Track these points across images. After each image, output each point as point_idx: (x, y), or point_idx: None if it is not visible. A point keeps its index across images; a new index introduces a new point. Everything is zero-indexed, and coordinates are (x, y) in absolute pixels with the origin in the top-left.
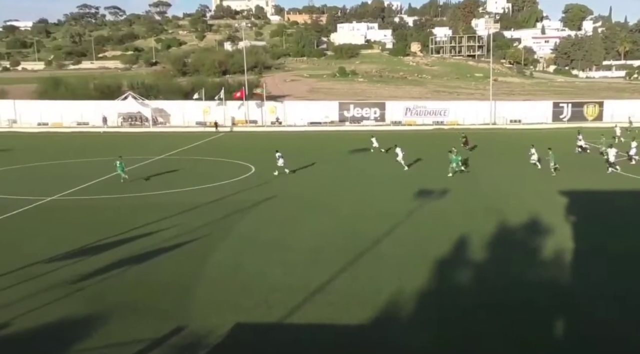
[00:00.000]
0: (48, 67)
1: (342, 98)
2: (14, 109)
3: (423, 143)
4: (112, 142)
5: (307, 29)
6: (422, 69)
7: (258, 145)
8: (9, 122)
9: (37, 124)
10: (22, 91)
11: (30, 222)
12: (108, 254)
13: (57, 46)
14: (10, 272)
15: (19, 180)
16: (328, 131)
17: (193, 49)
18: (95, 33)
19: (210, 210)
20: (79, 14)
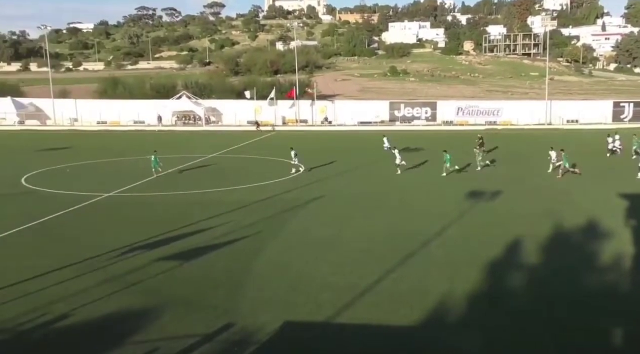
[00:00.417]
0: (107, 68)
1: (393, 97)
2: (76, 108)
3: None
4: (166, 140)
5: (358, 29)
6: (474, 68)
7: (308, 144)
8: (70, 121)
9: (96, 123)
10: (83, 90)
11: (89, 218)
12: (162, 249)
13: (116, 47)
14: (70, 265)
15: (78, 177)
16: (378, 130)
17: (245, 48)
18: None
19: (261, 208)
20: (137, 16)
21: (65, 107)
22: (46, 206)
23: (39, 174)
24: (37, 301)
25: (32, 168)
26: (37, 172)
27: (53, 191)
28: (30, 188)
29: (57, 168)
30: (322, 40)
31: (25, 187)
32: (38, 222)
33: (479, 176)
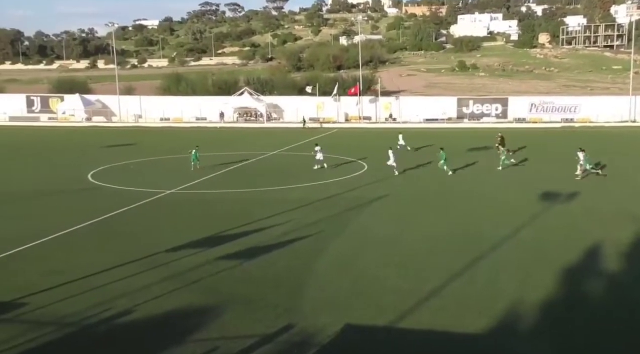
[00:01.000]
0: (171, 64)
1: (461, 93)
2: (140, 104)
3: (549, 142)
4: (228, 137)
5: (425, 21)
6: (550, 62)
7: (371, 142)
8: (135, 118)
9: (159, 119)
10: (147, 87)
11: (151, 214)
12: (223, 247)
13: (180, 43)
14: (133, 261)
15: (142, 173)
16: (445, 128)
17: (308, 43)
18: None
19: (323, 207)
20: (200, 12)
21: (130, 103)
22: (111, 202)
23: (104, 170)
24: (102, 295)
25: (98, 164)
26: (103, 169)
27: (117, 187)
28: (96, 184)
29: (121, 164)
30: (387, 34)
31: (91, 183)
32: (103, 218)
33: (552, 176)
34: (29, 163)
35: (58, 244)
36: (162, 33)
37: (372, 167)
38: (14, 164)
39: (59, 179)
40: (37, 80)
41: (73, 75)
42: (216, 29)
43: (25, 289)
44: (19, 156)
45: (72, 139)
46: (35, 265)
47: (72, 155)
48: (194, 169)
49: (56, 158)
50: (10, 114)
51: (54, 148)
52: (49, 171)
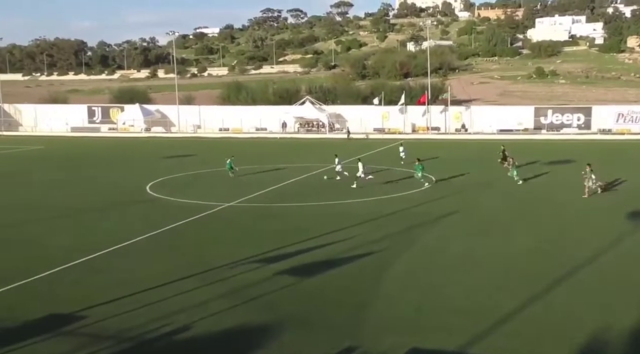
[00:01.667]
0: (231, 73)
1: (539, 102)
2: (199, 114)
3: (637, 156)
4: (288, 148)
5: (499, 26)
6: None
7: (440, 154)
8: (194, 128)
9: (218, 130)
10: (206, 96)
11: (210, 228)
12: (283, 263)
13: (241, 51)
14: (191, 275)
15: (201, 185)
16: (521, 139)
17: (373, 50)
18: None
19: (389, 222)
20: (262, 18)
21: (189, 113)
22: (169, 214)
23: (162, 181)
24: (160, 310)
25: (157, 176)
26: (161, 180)
27: (176, 200)
28: (154, 196)
29: (180, 176)
30: (458, 40)
31: (149, 195)
32: (161, 231)
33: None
34: (88, 174)
35: (117, 257)
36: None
37: (441, 181)
38: (74, 175)
39: (117, 191)
40: (99, 90)
41: (133, 85)
42: (278, 36)
43: (85, 301)
44: (79, 167)
45: (131, 150)
46: (95, 278)
47: (131, 166)
48: (233, 174)
49: (115, 169)
50: (72, 125)
51: (113, 159)
52: (108, 182)
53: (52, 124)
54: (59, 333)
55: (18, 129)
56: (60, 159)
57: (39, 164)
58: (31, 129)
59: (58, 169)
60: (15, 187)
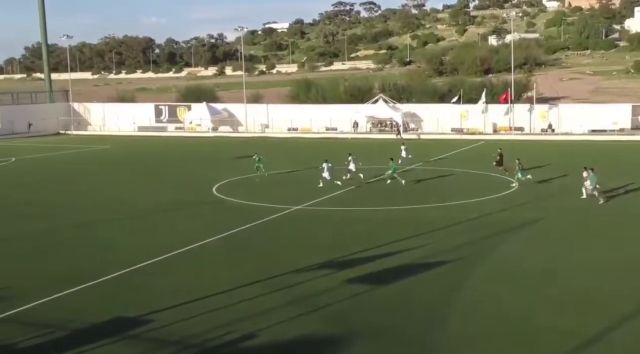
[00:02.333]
0: (300, 69)
1: (637, 100)
2: (267, 113)
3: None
4: (360, 149)
5: (593, 16)
6: None
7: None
8: (261, 127)
9: (287, 129)
10: (275, 94)
11: (277, 232)
12: (353, 270)
13: (311, 47)
14: (257, 281)
15: (267, 187)
16: (615, 141)
17: (452, 45)
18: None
19: (467, 229)
20: (333, 12)
21: (257, 112)
22: (236, 217)
23: (229, 183)
24: (225, 317)
25: (223, 177)
26: (228, 182)
27: (242, 202)
28: (220, 198)
29: (246, 177)
30: (546, 32)
31: (215, 197)
32: (227, 234)
33: None
34: (154, 175)
35: (183, 260)
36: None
37: (524, 185)
38: (140, 176)
39: (184, 192)
40: (166, 88)
41: (201, 83)
42: (350, 31)
43: (150, 305)
44: (145, 167)
45: (198, 150)
46: (160, 281)
47: (197, 167)
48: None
49: (181, 170)
50: (139, 124)
51: (179, 159)
52: (174, 183)
53: (120, 123)
54: (125, 337)
55: (87, 128)
56: (127, 159)
57: (106, 164)
58: (99, 128)
59: (124, 169)
60: (83, 187)
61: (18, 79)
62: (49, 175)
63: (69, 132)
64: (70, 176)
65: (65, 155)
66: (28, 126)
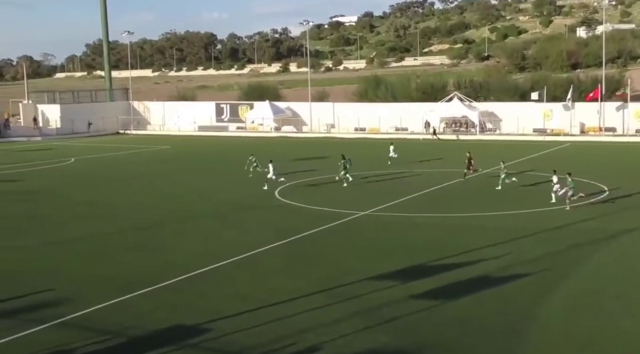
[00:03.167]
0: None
1: None
2: (333, 112)
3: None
4: (432, 151)
5: None
6: None
7: (616, 160)
8: (327, 127)
9: (353, 130)
10: (341, 92)
11: (343, 238)
12: (423, 281)
13: (380, 41)
14: (321, 290)
15: (333, 191)
16: None
17: (535, 37)
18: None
19: (552, 238)
20: (405, 4)
21: (322, 111)
22: (299, 222)
23: (292, 186)
24: (287, 327)
25: (286, 179)
26: (291, 185)
27: (306, 206)
28: (283, 202)
29: (310, 180)
30: None
31: (278, 201)
32: (290, 240)
33: None
34: (215, 177)
35: (243, 267)
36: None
37: (616, 192)
38: (200, 178)
39: (245, 195)
40: (228, 86)
41: (263, 80)
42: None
43: (210, 313)
44: (205, 168)
45: (260, 150)
46: (220, 288)
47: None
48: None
49: (242, 172)
50: (199, 124)
51: (240, 161)
52: (234, 185)
53: (180, 123)
54: (184, 345)
55: (146, 127)
56: (187, 160)
57: (166, 164)
58: (159, 127)
59: (184, 170)
60: (142, 188)
61: (79, 76)
62: (109, 176)
63: (128, 131)
64: (130, 176)
65: (125, 155)
66: (88, 125)
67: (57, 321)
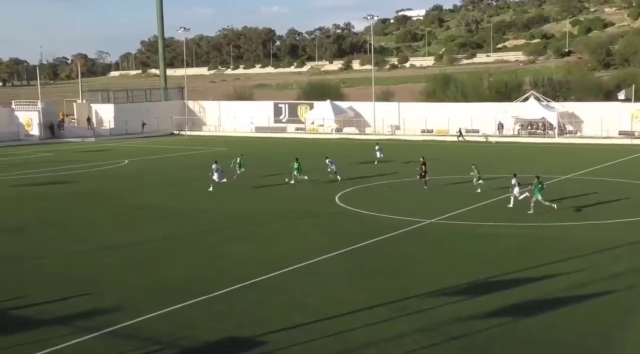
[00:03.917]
0: (437, 63)
1: None
2: (398, 113)
3: None
4: (506, 154)
5: None
6: None
7: None
8: (391, 129)
9: (420, 131)
10: (407, 91)
11: (407, 248)
12: (495, 296)
13: (450, 37)
14: (383, 303)
15: (397, 197)
16: None
17: (622, 31)
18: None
19: (634, 253)
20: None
21: (387, 112)
22: (361, 229)
23: (353, 191)
24: (346, 342)
25: (347, 184)
26: (352, 190)
27: (367, 213)
28: (344, 208)
29: (373, 185)
30: None
31: (338, 207)
32: (351, 248)
33: None
34: (272, 180)
35: (302, 275)
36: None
37: None
38: (258, 181)
39: (304, 200)
40: (287, 85)
41: (324, 78)
42: (497, 17)
43: (265, 324)
44: (263, 172)
45: (320, 153)
46: (276, 298)
47: (318, 172)
48: (236, 176)
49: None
50: (256, 124)
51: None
52: (292, 189)
53: (236, 123)
54: None
55: (201, 128)
56: (244, 162)
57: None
58: (214, 128)
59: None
60: (197, 192)
61: (133, 75)
62: (162, 178)
63: (183, 132)
64: (184, 179)
65: (180, 157)
66: (142, 125)
67: (108, 329)
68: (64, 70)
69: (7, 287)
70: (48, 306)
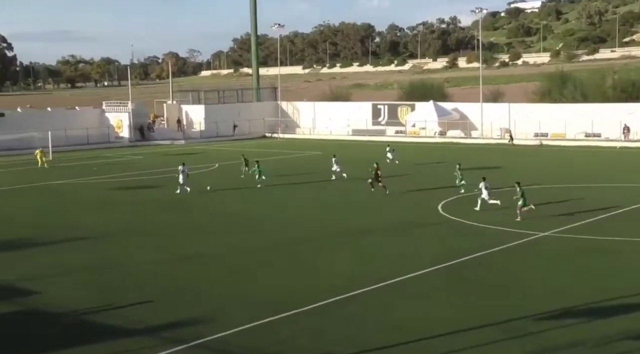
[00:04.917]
0: (554, 59)
1: None
2: (509, 115)
3: None
4: (633, 162)
5: None
6: None
7: None
8: (501, 132)
9: (533, 135)
10: (519, 91)
11: (518, 263)
12: (618, 320)
13: (569, 31)
14: (491, 324)
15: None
16: None
17: None
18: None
19: None
20: None
21: (496, 113)
22: (466, 242)
23: (458, 199)
24: None
25: (451, 192)
26: (456, 198)
27: (473, 224)
28: (448, 217)
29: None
30: None
31: (442, 217)
32: (456, 262)
33: None
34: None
35: (401, 291)
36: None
37: None
38: (354, 189)
39: (403, 209)
40: (386, 84)
41: (427, 77)
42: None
43: (359, 342)
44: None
45: (421, 158)
46: (373, 314)
47: (420, 179)
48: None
49: (404, 183)
50: (353, 127)
51: (398, 170)
52: (393, 197)
53: (332, 126)
54: None
55: (295, 130)
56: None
57: (317, 173)
58: (309, 131)
59: (337, 179)
60: (292, 199)
61: (225, 74)
62: (255, 184)
63: (275, 135)
64: (278, 186)
65: (273, 161)
66: (233, 127)
67: (196, 342)
68: (154, 70)
69: (95, 296)
70: (135, 315)
